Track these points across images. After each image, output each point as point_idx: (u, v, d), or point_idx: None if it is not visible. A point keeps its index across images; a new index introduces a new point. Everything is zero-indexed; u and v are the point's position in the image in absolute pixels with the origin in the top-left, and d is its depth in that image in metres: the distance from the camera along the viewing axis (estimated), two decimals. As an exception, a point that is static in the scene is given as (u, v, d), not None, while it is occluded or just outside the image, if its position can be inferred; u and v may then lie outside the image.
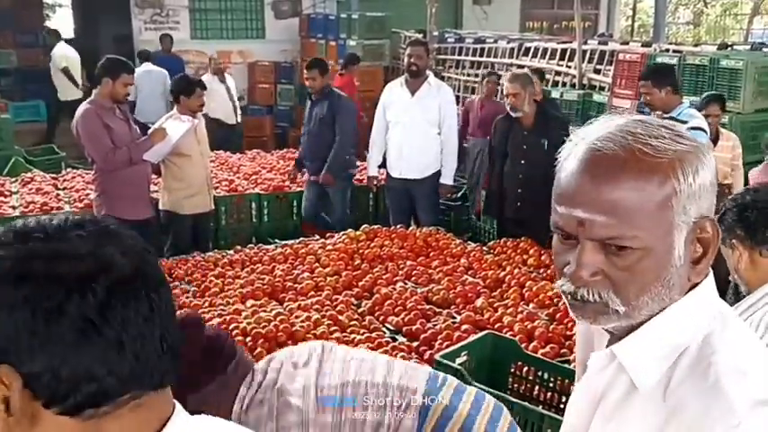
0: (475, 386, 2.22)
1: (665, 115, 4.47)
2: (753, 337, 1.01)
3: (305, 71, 5.94)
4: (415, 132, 5.43)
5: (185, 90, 5.11)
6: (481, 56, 9.76)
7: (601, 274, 0.95)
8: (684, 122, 4.46)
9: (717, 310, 0.99)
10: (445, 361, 2.27)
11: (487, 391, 2.19)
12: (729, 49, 6.52)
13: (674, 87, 4.49)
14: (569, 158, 0.98)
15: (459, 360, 2.32)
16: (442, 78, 8.74)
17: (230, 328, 3.05)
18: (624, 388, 0.98)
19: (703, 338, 0.95)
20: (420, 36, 9.78)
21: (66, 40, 18.10)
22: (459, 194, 6.78)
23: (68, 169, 7.25)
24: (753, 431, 0.86)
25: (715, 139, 5.13)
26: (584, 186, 0.94)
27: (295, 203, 6.31)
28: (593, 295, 0.96)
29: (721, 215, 1.95)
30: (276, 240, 5.10)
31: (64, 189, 6.41)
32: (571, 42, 8.45)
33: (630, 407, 0.97)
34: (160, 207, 5.16)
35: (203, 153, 5.26)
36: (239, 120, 9.64)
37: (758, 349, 0.97)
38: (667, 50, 6.72)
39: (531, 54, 8.81)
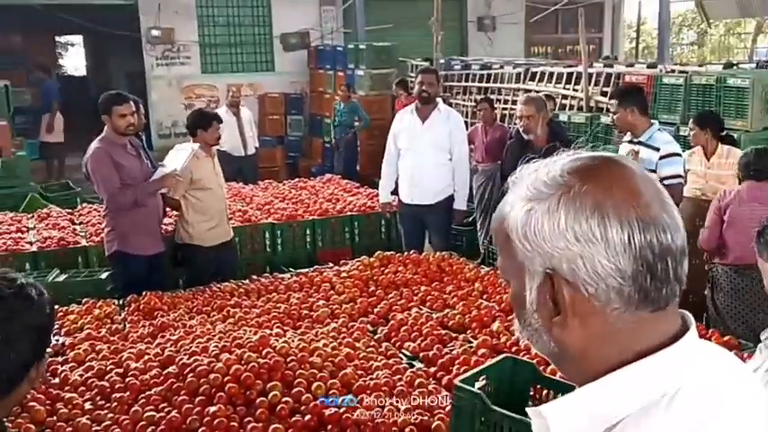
0: (495, 411, 2.23)
1: (635, 139, 4.44)
2: (701, 424, 0.83)
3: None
4: (426, 159, 5.49)
5: (201, 124, 5.15)
6: (488, 82, 9.86)
7: None
8: (656, 149, 4.42)
9: (673, 386, 0.85)
10: (465, 386, 2.28)
11: (507, 416, 2.20)
12: (735, 68, 6.57)
13: (640, 108, 4.43)
14: None
15: (478, 384, 2.34)
16: (450, 105, 8.83)
17: (246, 356, 3.07)
18: None
19: (638, 414, 0.84)
20: (427, 64, 9.91)
21: (78, 78, 18.38)
22: (470, 219, 6.82)
23: (84, 204, 7.34)
24: None
25: (710, 155, 5.19)
26: None
27: (308, 232, 6.35)
28: None
29: (760, 231, 1.93)
30: (291, 269, 5.13)
31: (80, 224, 6.48)
32: (577, 66, 8.54)
33: None
34: (179, 242, 5.16)
35: (221, 185, 5.35)
36: (253, 150, 9.70)
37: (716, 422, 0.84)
38: (673, 71, 6.78)
39: (537, 78, 8.89)
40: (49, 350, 3.50)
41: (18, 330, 1.39)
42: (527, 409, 1.01)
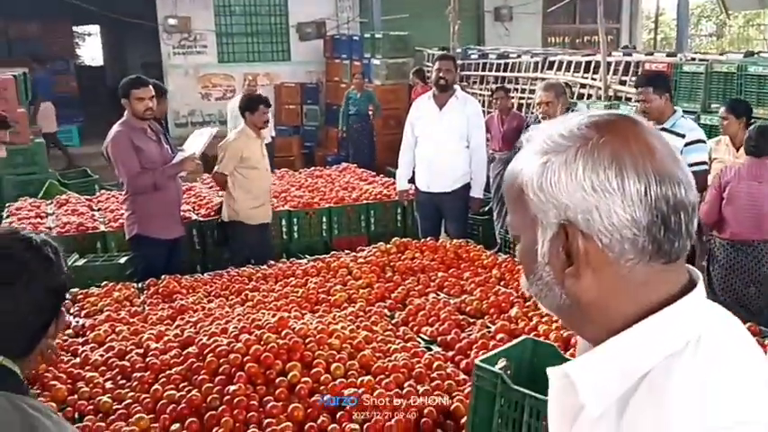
0: (516, 390, 2.23)
1: (658, 126, 4.39)
2: (734, 356, 0.87)
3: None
4: (443, 146, 5.47)
5: (249, 107, 5.39)
6: (505, 71, 9.81)
7: None
8: (682, 135, 4.39)
9: (694, 333, 0.87)
10: (485, 365, 2.27)
11: (529, 395, 2.20)
12: (756, 56, 6.49)
13: (670, 95, 4.47)
14: None
15: (498, 365, 2.33)
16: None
17: (266, 337, 3.08)
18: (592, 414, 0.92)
19: (665, 363, 0.86)
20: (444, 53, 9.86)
21: (96, 68, 18.52)
22: (487, 209, 6.79)
23: (102, 191, 7.39)
24: None
25: (740, 146, 5.08)
26: None
27: (324, 220, 6.36)
28: None
29: None
30: (306, 257, 5.15)
31: (99, 210, 6.53)
32: (595, 55, 8.47)
33: (596, 430, 0.91)
34: (225, 219, 5.37)
35: (267, 167, 5.57)
36: (269, 140, 9.72)
37: (739, 368, 0.86)
38: (693, 59, 6.70)
39: (555, 67, 8.83)
40: (68, 317, 3.56)
41: (40, 293, 1.41)
42: (547, 370, 1.01)
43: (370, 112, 10.31)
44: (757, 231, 4.32)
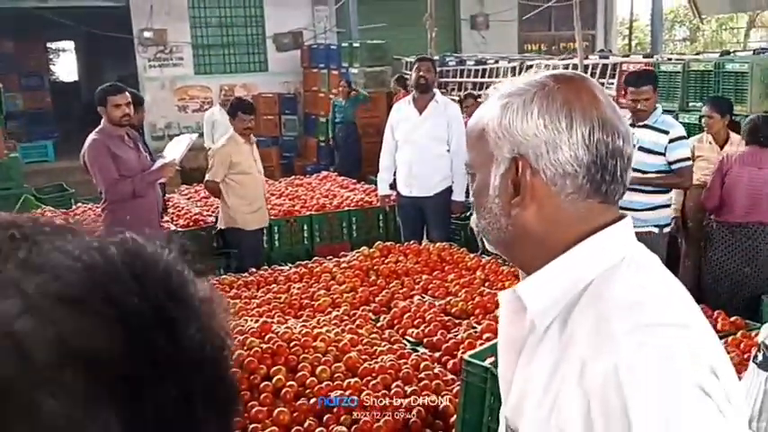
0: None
1: (638, 123, 4.39)
2: (658, 274, 1.00)
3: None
4: (424, 150, 5.44)
5: (231, 113, 5.43)
6: (483, 77, 9.83)
7: None
8: (666, 132, 4.39)
9: (626, 254, 0.98)
10: (475, 361, 2.24)
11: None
12: (732, 54, 6.55)
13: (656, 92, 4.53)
14: None
15: (488, 360, 2.29)
16: (446, 100, 8.80)
17: (249, 342, 3.02)
18: (540, 331, 1.00)
19: (603, 274, 0.96)
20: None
21: (70, 83, 18.37)
22: (469, 213, 6.78)
23: (78, 204, 7.27)
24: (626, 352, 0.88)
25: (723, 144, 5.11)
26: None
27: (305, 228, 6.30)
28: None
29: None
30: (289, 264, 5.08)
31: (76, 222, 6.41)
32: (572, 59, 8.51)
33: (540, 348, 1.00)
34: (222, 226, 5.35)
35: (260, 171, 5.54)
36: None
37: (661, 282, 0.99)
38: (670, 59, 6.75)
39: (532, 72, 8.85)
40: None
41: None
42: (498, 294, 1.13)
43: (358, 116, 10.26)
44: (754, 213, 4.56)
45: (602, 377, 0.88)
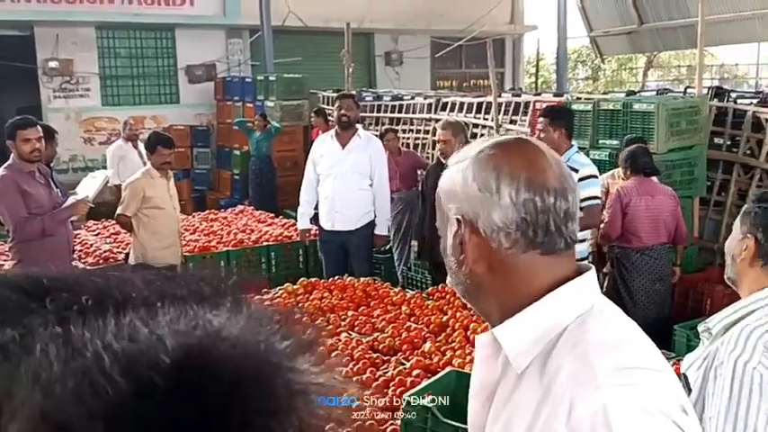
0: (447, 424, 2.15)
1: None
2: (626, 322, 1.08)
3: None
4: (346, 184, 5.41)
5: (148, 147, 5.26)
6: (399, 112, 9.95)
7: None
8: (575, 171, 4.52)
9: (594, 302, 1.06)
10: (416, 401, 2.19)
11: (461, 428, 2.12)
12: (637, 95, 6.88)
13: (568, 131, 4.53)
14: None
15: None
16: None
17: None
18: (514, 375, 1.05)
19: (577, 320, 1.03)
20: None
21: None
22: (388, 247, 6.77)
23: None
24: (612, 393, 0.94)
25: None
26: None
27: (222, 264, 6.13)
28: None
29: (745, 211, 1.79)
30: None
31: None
32: (486, 96, 8.73)
33: (518, 390, 1.04)
34: (131, 262, 5.12)
35: (175, 207, 5.34)
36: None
37: (630, 330, 1.07)
38: (579, 98, 7.02)
39: (448, 108, 9.04)
40: None
41: None
42: (475, 337, 1.21)
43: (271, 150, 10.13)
44: (657, 237, 4.94)
45: (591, 417, 0.93)
